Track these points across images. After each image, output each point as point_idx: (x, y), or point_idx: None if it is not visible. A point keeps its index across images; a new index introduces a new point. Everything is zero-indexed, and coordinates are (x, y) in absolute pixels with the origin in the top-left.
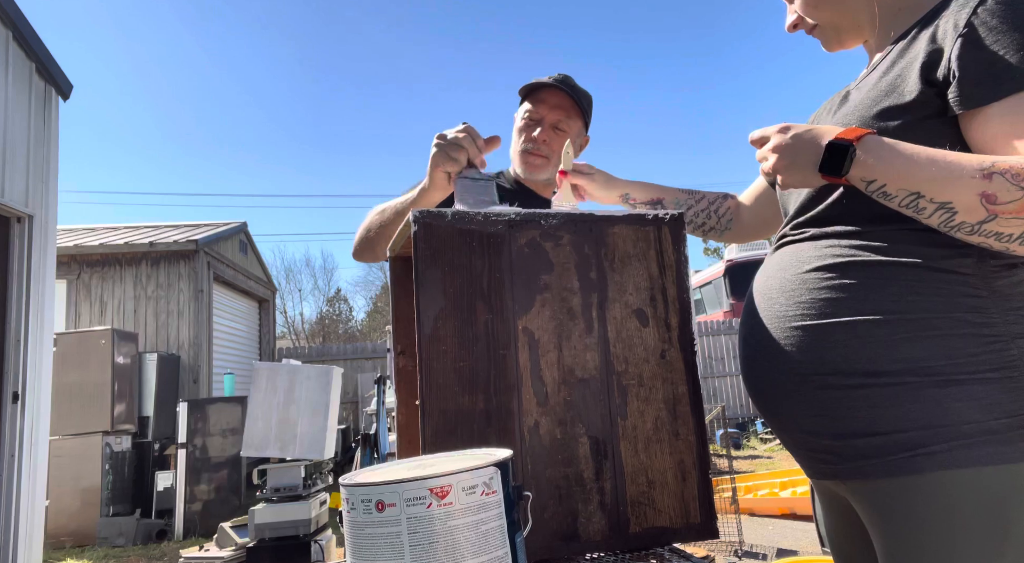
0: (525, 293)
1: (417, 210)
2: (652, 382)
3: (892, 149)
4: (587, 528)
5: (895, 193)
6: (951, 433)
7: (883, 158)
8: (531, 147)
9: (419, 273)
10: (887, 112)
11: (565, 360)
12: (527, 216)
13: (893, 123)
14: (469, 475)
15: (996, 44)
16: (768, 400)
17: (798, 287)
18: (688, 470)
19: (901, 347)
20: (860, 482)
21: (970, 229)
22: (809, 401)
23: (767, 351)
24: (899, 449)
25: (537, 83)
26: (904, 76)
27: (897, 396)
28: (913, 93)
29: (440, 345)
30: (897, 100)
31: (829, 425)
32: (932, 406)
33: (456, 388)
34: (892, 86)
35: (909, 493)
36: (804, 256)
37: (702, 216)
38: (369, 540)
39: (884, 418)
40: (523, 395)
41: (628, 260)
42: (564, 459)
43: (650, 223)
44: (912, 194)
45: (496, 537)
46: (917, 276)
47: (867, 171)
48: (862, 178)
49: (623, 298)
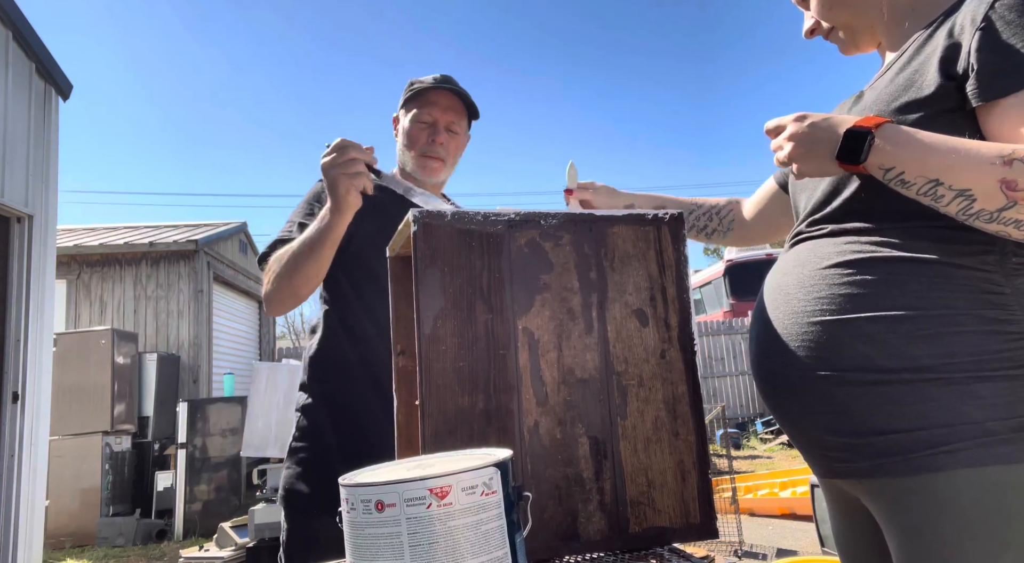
0: (525, 293)
1: (417, 210)
2: (652, 382)
3: (910, 136)
4: (587, 528)
5: (913, 180)
6: (973, 431)
7: (901, 145)
8: (429, 150)
9: (419, 273)
10: (906, 107)
11: (565, 360)
12: (527, 216)
13: (912, 116)
14: (469, 475)
15: (1014, 37)
16: (782, 397)
17: (817, 283)
18: (688, 470)
19: (922, 344)
20: (879, 480)
21: (989, 217)
22: (827, 398)
23: (783, 347)
24: (920, 447)
25: (425, 86)
26: (922, 71)
27: (918, 393)
28: (932, 87)
29: (440, 345)
30: (916, 94)
31: (847, 422)
32: (954, 403)
33: (456, 388)
34: (910, 81)
35: (930, 491)
36: (823, 252)
37: (703, 219)
38: (369, 540)
39: (905, 415)
40: (523, 395)
41: (628, 260)
42: (564, 459)
43: (650, 223)
44: (931, 181)
45: (496, 537)
46: (939, 272)
47: (885, 158)
48: (880, 165)
49: (623, 298)
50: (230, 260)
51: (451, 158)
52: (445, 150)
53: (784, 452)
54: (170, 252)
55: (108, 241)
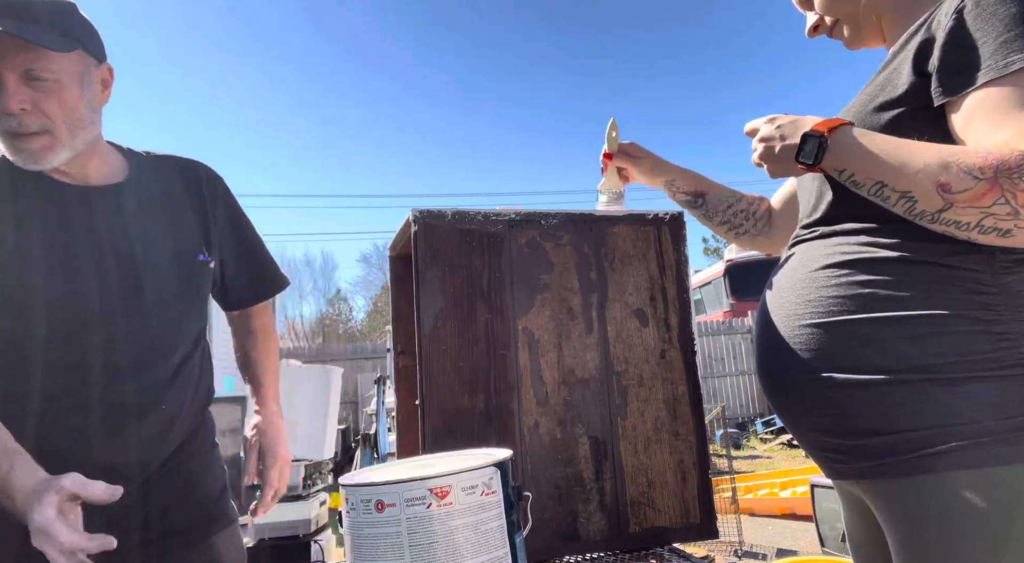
0: (525, 293)
1: (417, 209)
2: (652, 382)
3: (861, 139)
4: (587, 528)
5: (863, 182)
6: (963, 432)
7: (852, 148)
8: (14, 125)
9: (419, 273)
10: (882, 106)
11: (565, 360)
12: (527, 216)
13: (887, 115)
14: (469, 475)
15: (978, 32)
16: (782, 399)
17: (807, 285)
18: (688, 470)
19: (910, 345)
20: (876, 481)
21: (931, 218)
22: (820, 400)
23: (778, 350)
24: (910, 448)
25: None
26: (899, 69)
27: (907, 395)
28: (905, 85)
29: (440, 345)
30: (891, 93)
31: (841, 424)
32: (943, 405)
33: (456, 388)
34: (887, 80)
35: (920, 492)
36: (814, 254)
37: (740, 217)
38: (369, 540)
39: (895, 417)
40: (523, 395)
41: (628, 260)
42: (564, 459)
43: (650, 223)
44: (877, 183)
45: (496, 537)
46: (927, 273)
47: (838, 161)
48: (834, 167)
49: (623, 298)
50: None
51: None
52: (35, 115)
53: (784, 452)
54: None
55: None
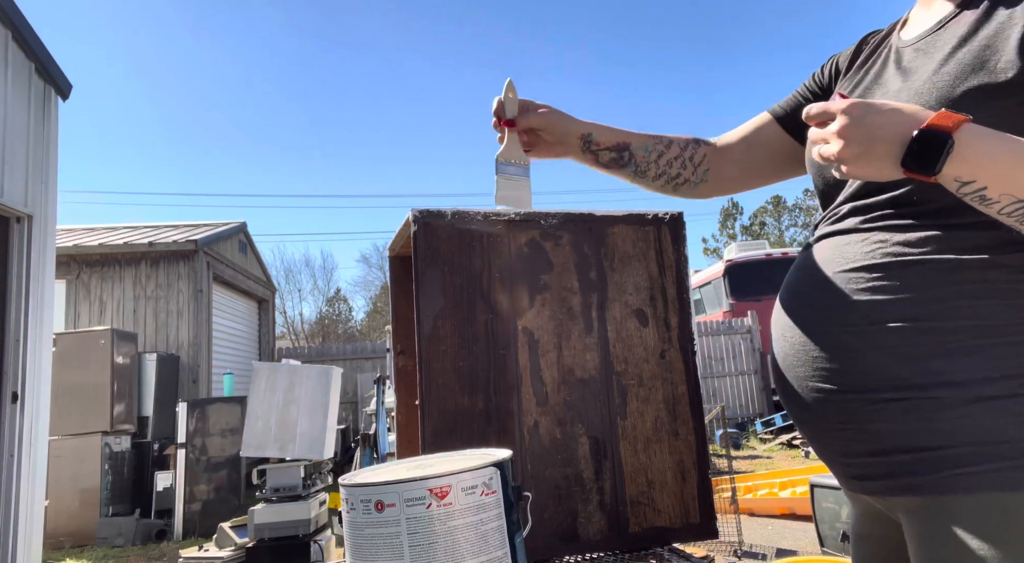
0: (525, 293)
1: (417, 209)
2: (652, 382)
3: (999, 143)
4: (587, 528)
5: (996, 198)
6: (1005, 451)
7: (987, 154)
8: None
9: (419, 273)
10: (976, 92)
11: (565, 360)
12: (527, 216)
13: (984, 107)
14: (468, 475)
15: None
16: (802, 410)
17: (841, 287)
18: (688, 470)
19: (953, 357)
20: (902, 499)
21: None
22: (848, 413)
23: (802, 357)
24: (947, 466)
25: None
26: (995, 47)
27: (946, 410)
28: (1011, 71)
29: (440, 345)
30: (989, 78)
31: (869, 439)
32: (984, 422)
33: (456, 388)
34: (979, 59)
35: (955, 513)
36: (849, 252)
37: (676, 166)
38: (369, 540)
39: (931, 433)
40: (523, 395)
41: (628, 260)
42: (564, 459)
43: (650, 223)
44: (1020, 202)
45: (496, 537)
46: (978, 277)
47: (964, 169)
48: (957, 177)
49: (623, 298)
50: (230, 260)
51: None
52: None
53: (784, 452)
54: (170, 252)
55: (108, 241)
